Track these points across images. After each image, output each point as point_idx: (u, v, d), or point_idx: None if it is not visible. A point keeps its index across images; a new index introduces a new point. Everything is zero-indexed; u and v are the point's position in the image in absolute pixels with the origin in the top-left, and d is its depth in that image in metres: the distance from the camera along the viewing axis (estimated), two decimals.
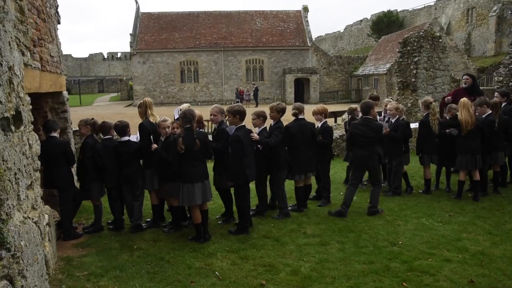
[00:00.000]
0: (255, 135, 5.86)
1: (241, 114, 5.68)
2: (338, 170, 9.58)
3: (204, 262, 4.81)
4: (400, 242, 5.27)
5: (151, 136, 5.89)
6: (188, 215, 6.13)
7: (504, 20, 35.37)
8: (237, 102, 35.37)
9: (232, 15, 42.88)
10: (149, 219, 6.28)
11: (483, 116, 7.17)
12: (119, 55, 78.92)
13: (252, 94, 36.19)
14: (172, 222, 6.00)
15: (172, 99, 39.75)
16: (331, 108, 7.89)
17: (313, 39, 44.29)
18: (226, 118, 6.01)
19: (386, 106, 7.92)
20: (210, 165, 5.97)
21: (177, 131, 5.72)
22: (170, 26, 41.07)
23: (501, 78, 14.51)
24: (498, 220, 6.07)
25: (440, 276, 4.36)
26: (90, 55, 78.26)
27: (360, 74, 40.09)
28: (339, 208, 6.39)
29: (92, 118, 6.10)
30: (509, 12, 35.04)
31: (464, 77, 9.06)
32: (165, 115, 6.31)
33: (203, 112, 6.76)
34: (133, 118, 6.46)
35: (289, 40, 41.05)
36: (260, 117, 6.16)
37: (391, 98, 8.13)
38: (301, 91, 40.05)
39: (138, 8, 41.70)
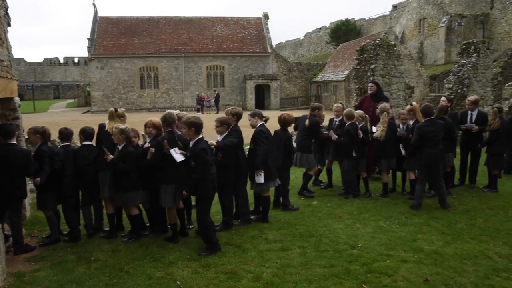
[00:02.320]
0: (213, 142, 5.83)
1: (197, 127, 5.25)
2: (298, 175, 9.68)
3: (165, 272, 4.72)
4: (360, 245, 5.39)
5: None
6: (147, 224, 6.01)
7: (452, 31, 37.32)
8: (198, 108, 35.21)
9: (193, 21, 42.67)
10: (107, 229, 6.10)
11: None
12: (76, 60, 76.53)
13: (213, 100, 36.08)
14: (131, 231, 5.86)
15: (132, 105, 38.94)
16: (293, 114, 8.03)
17: (274, 46, 44.78)
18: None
19: (336, 111, 8.19)
20: None
21: (136, 140, 5.65)
22: (129, 31, 40.31)
23: (451, 85, 15.26)
24: (450, 220, 6.34)
25: (397, 277, 4.50)
26: (45, 59, 75.39)
27: (320, 81, 40.89)
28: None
29: (43, 126, 5.84)
30: (457, 23, 37.04)
31: (369, 84, 9.55)
32: (126, 122, 6.19)
33: None
34: (91, 125, 6.26)
35: (250, 46, 41.31)
36: (224, 124, 6.07)
37: (340, 103, 8.35)
38: (261, 98, 40.32)
39: (96, 12, 40.68)
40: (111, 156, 5.48)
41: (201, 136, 5.29)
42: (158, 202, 5.72)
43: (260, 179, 6.28)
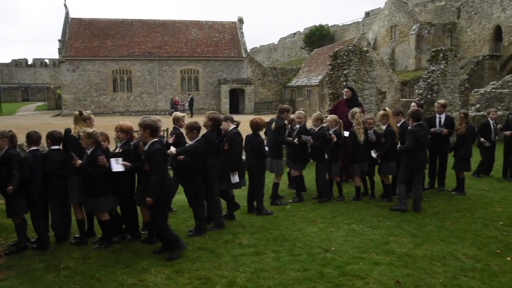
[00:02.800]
0: (172, 150, 5.77)
1: (152, 129, 5.12)
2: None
3: (137, 278, 4.64)
4: (333, 248, 5.45)
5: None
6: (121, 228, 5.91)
7: (422, 38, 38.43)
8: (172, 112, 34.84)
9: (167, 24, 42.35)
10: (77, 235, 5.94)
11: (398, 124, 7.73)
12: (46, 61, 74.57)
13: (187, 104, 35.85)
14: (102, 237, 5.73)
15: (104, 109, 38.25)
16: (266, 118, 8.04)
17: (248, 51, 44.94)
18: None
19: (298, 117, 7.92)
20: None
21: (104, 144, 5.56)
22: (102, 33, 39.62)
23: (421, 91, 15.65)
24: (420, 222, 6.49)
25: (370, 279, 4.56)
26: (13, 60, 73.14)
27: (294, 85, 41.24)
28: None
29: (10, 131, 5.64)
30: (426, 31, 38.19)
31: (345, 89, 9.75)
32: (97, 125, 6.08)
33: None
34: (62, 128, 6.11)
35: (224, 50, 41.30)
36: (193, 130, 6.01)
37: (302, 110, 8.34)
38: (236, 102, 40.35)
39: (67, 13, 39.81)
40: (79, 161, 5.34)
41: (156, 139, 5.19)
42: (129, 208, 5.64)
43: (236, 178, 6.50)
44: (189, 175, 6.00)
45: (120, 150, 5.61)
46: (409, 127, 7.22)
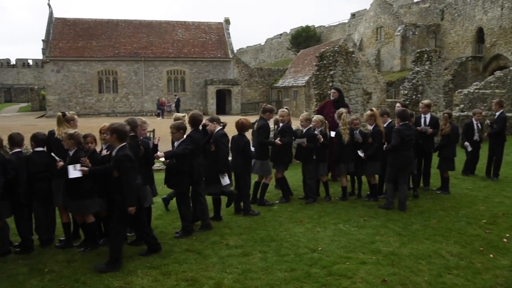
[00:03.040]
0: (160, 153, 5.78)
1: (119, 133, 4.92)
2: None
3: (124, 281, 4.59)
4: (320, 248, 5.47)
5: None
6: (104, 231, 5.84)
7: (407, 39, 38.94)
8: (159, 113, 34.70)
9: (153, 25, 42.11)
10: (62, 238, 5.86)
11: (385, 124, 7.82)
12: (29, 62, 73.43)
13: (173, 105, 35.68)
14: (86, 240, 5.65)
15: (90, 110, 37.85)
16: (253, 119, 8.02)
17: (235, 51, 44.93)
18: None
19: (281, 116, 7.93)
20: None
21: (92, 146, 5.49)
22: (87, 34, 39.20)
23: (406, 92, 15.84)
24: (406, 221, 6.56)
25: (356, 278, 4.60)
26: None
27: (280, 86, 41.35)
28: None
29: None
30: (411, 32, 38.69)
31: (332, 90, 9.84)
32: (82, 126, 6.00)
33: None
34: (45, 130, 6.02)
35: (211, 51, 41.22)
36: (180, 130, 6.00)
37: (286, 108, 8.34)
38: (222, 103, 40.29)
39: (51, 13, 39.27)
40: (61, 163, 5.28)
41: (124, 143, 4.98)
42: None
43: (226, 180, 6.51)
44: (175, 176, 5.98)
45: (108, 152, 5.55)
46: (395, 127, 7.31)
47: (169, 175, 6.08)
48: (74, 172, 5.16)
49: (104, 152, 5.65)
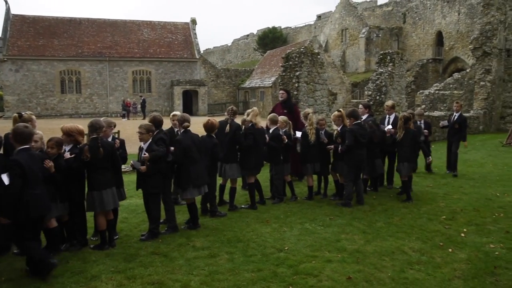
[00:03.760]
0: (146, 154, 5.74)
1: (16, 136, 4.65)
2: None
3: (87, 286, 4.46)
4: (286, 248, 5.51)
5: None
6: (65, 235, 5.66)
7: (371, 41, 39.93)
8: (124, 114, 34.01)
9: (118, 24, 41.22)
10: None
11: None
12: None
13: (139, 106, 35.07)
14: (47, 246, 5.45)
15: (52, 111, 36.62)
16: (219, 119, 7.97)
17: (201, 52, 44.64)
18: None
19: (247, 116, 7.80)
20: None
21: (51, 150, 5.27)
22: (48, 32, 37.87)
23: (370, 92, 16.22)
24: (370, 219, 6.72)
25: (322, 276, 4.66)
26: None
27: (247, 87, 41.42)
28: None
29: None
30: (375, 35, 39.69)
31: (281, 92, 10.02)
32: (44, 128, 5.79)
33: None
34: (2, 132, 5.77)
35: (177, 51, 40.78)
36: (149, 132, 5.93)
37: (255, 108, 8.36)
38: (189, 103, 39.92)
39: (8, 9, 37.63)
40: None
41: (26, 146, 4.67)
42: (78, 214, 5.45)
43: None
44: (151, 178, 5.89)
45: (73, 155, 5.39)
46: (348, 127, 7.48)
47: (143, 177, 5.94)
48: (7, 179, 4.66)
49: (66, 155, 5.47)
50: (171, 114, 7.71)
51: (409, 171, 8.02)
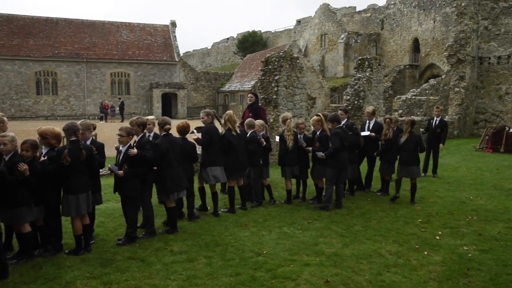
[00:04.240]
0: (133, 150, 5.72)
1: None
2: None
3: None
4: (265, 252, 5.51)
5: None
6: (40, 242, 5.52)
7: (350, 47, 40.44)
8: (102, 116, 33.48)
9: (96, 25, 40.63)
10: None
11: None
12: None
13: (117, 108, 34.59)
14: (21, 251, 5.30)
15: (26, 112, 35.77)
16: (197, 123, 7.93)
17: (181, 55, 44.42)
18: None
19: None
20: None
21: (26, 153, 5.13)
22: (23, 32, 37.02)
23: (349, 97, 16.39)
24: (348, 223, 6.78)
25: (300, 280, 4.67)
26: None
27: (227, 90, 41.38)
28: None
29: None
30: (353, 40, 40.24)
31: (249, 95, 10.11)
32: (18, 130, 5.63)
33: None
34: None
35: (157, 54, 40.45)
36: (130, 135, 5.89)
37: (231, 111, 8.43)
38: (168, 106, 39.62)
39: None
40: None
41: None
42: (53, 219, 5.32)
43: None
44: (130, 181, 5.81)
45: (46, 158, 5.27)
46: (332, 130, 7.64)
47: (121, 180, 5.86)
48: None
49: (43, 158, 5.34)
50: (145, 118, 7.50)
51: (406, 174, 8.21)
